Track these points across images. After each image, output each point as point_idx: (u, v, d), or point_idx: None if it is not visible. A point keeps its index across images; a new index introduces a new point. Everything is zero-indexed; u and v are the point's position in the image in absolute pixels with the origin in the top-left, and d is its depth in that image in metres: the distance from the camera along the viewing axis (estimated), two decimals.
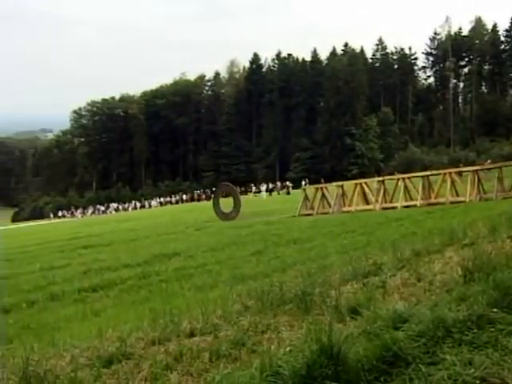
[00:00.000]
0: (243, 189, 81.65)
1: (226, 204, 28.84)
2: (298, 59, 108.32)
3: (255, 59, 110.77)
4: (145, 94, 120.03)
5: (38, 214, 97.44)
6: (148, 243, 19.09)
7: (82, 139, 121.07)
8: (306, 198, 27.10)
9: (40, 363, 4.78)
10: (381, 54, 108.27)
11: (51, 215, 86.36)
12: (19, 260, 17.89)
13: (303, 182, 62.95)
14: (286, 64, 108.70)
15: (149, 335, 5.37)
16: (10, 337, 8.02)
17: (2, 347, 6.48)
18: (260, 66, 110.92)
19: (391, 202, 25.62)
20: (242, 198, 33.78)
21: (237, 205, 28.75)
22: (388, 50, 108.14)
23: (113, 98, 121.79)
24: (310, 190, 29.08)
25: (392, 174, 32.52)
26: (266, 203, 43.71)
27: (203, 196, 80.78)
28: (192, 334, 5.29)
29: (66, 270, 14.09)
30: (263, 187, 69.12)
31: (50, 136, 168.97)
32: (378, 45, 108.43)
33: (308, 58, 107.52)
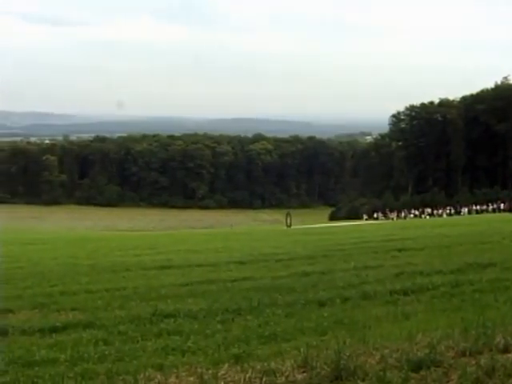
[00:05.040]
0: None
1: None
2: None
3: None
4: (464, 98, 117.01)
5: (354, 214, 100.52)
6: (461, 251, 18.51)
7: (400, 143, 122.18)
8: None
9: (351, 358, 4.96)
10: None
11: (365, 216, 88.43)
12: (336, 257, 18.59)
13: None
14: None
15: (459, 345, 5.24)
16: (323, 329, 8.39)
17: None
18: None
19: None
20: None
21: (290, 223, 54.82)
22: None
23: (431, 103, 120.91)
24: None
25: None
26: None
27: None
28: (506, 350, 5.05)
29: (379, 271, 14.28)
30: None
31: (369, 139, 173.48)
32: None
33: None
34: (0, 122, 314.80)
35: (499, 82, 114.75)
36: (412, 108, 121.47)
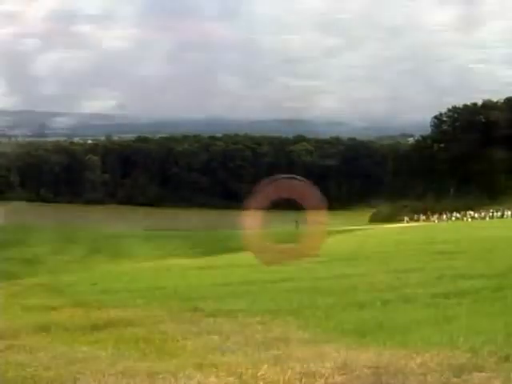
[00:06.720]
0: None
1: None
2: None
3: None
4: (508, 100, 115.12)
5: (395, 217, 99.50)
6: (504, 254, 18.21)
7: (442, 145, 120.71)
8: None
9: (391, 361, 4.91)
10: None
11: (406, 218, 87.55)
12: (376, 259, 18.48)
13: None
14: None
15: (502, 350, 5.16)
16: (363, 331, 8.33)
17: None
18: None
19: None
20: None
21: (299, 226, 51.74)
22: None
23: (474, 105, 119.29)
24: None
25: None
26: None
27: None
28: None
29: (420, 274, 14.12)
30: None
31: (411, 141, 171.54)
32: None
33: None
34: (44, 122, 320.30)
35: None
36: (454, 109, 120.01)
